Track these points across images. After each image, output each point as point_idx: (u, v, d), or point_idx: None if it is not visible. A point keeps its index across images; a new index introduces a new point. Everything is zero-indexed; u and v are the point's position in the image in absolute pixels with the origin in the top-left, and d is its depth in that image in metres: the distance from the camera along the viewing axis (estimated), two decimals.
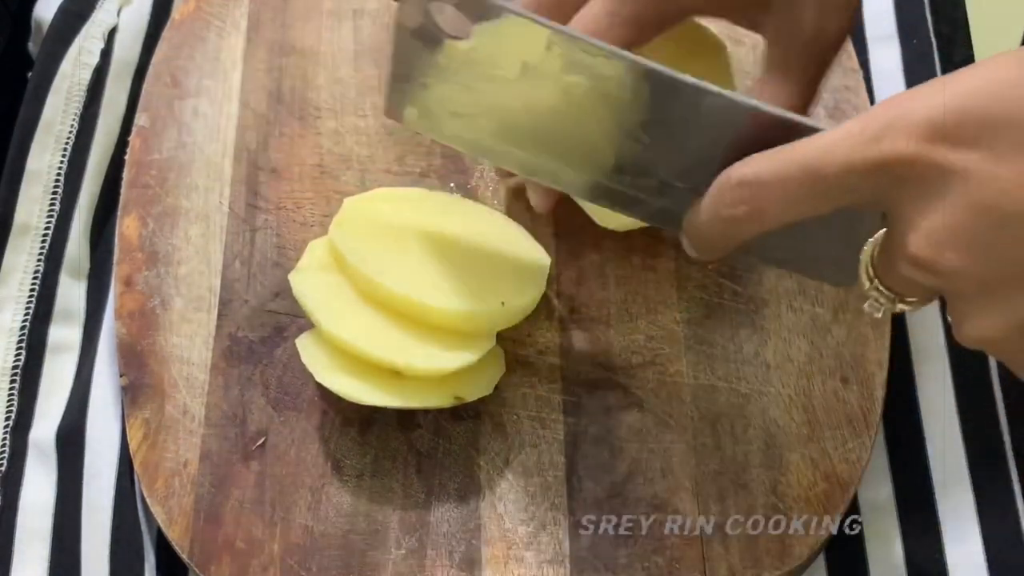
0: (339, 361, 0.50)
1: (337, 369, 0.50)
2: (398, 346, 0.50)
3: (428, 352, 0.50)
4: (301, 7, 0.63)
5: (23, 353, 0.58)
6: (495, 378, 0.52)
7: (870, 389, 0.52)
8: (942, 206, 0.36)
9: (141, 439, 0.52)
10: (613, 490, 0.50)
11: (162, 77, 0.61)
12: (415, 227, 0.54)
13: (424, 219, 0.54)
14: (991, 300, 0.37)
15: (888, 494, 0.52)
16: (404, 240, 0.53)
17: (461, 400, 0.51)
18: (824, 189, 0.38)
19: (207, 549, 0.49)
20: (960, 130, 0.35)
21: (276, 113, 0.60)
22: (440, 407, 0.51)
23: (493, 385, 0.52)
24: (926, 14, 0.64)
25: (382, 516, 0.50)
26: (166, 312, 0.55)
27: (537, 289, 0.53)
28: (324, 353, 0.51)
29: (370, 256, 0.52)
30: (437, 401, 0.50)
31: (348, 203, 0.53)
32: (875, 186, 0.37)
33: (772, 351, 0.53)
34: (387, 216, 0.54)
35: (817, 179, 0.38)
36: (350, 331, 0.50)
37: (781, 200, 0.39)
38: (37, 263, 0.60)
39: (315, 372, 0.50)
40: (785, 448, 0.51)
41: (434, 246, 0.53)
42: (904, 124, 0.36)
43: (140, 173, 0.59)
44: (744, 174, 0.39)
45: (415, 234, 0.53)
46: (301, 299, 0.52)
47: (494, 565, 0.49)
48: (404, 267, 0.52)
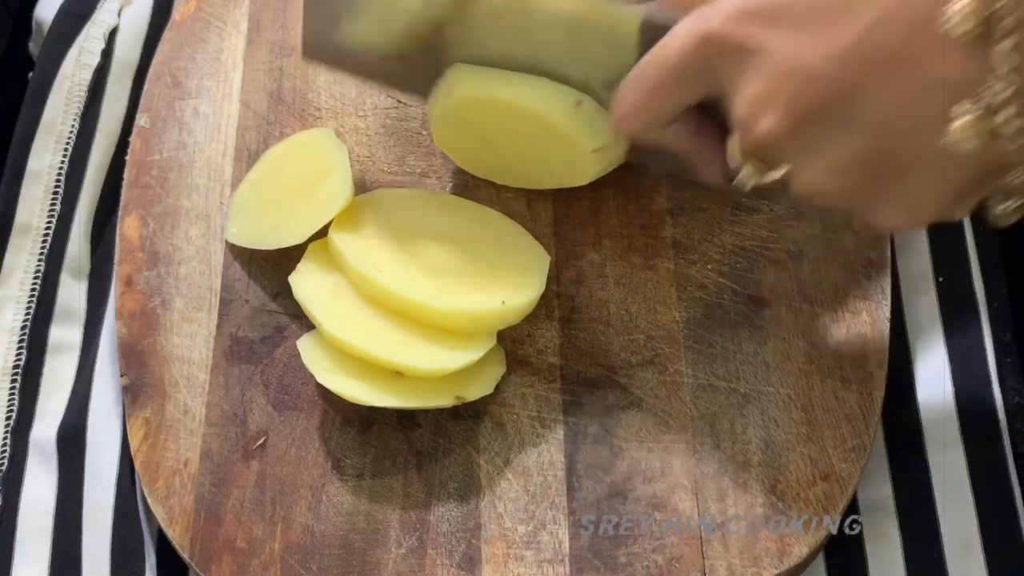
0: (340, 362, 0.51)
1: (338, 370, 0.50)
2: (399, 346, 0.50)
3: (429, 352, 0.50)
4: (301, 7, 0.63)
5: (24, 353, 0.58)
6: (496, 377, 0.52)
7: (870, 389, 0.52)
8: (754, 73, 0.43)
9: (142, 439, 0.52)
10: (613, 490, 0.50)
11: (163, 77, 0.61)
12: (415, 227, 0.54)
13: (424, 219, 0.54)
14: (811, 149, 0.43)
15: (888, 494, 0.53)
16: (404, 240, 0.53)
17: (462, 400, 0.51)
18: (673, 76, 0.45)
19: (207, 548, 0.49)
20: (761, 10, 0.42)
21: (276, 113, 0.60)
22: (441, 407, 0.51)
23: (494, 384, 0.52)
24: None
25: (382, 515, 0.50)
26: (167, 312, 0.55)
27: (537, 288, 0.53)
28: (324, 354, 0.51)
29: (370, 256, 0.52)
30: (438, 401, 0.50)
31: (348, 204, 0.53)
32: (707, 66, 0.44)
33: (772, 351, 0.53)
34: (387, 216, 0.54)
35: (665, 68, 0.46)
36: (350, 332, 0.50)
37: (651, 92, 0.47)
38: (38, 263, 0.60)
39: (316, 373, 0.50)
40: (784, 447, 0.51)
41: (434, 246, 0.53)
42: (719, 10, 0.43)
43: (141, 173, 0.59)
44: (626, 79, 0.48)
45: (415, 234, 0.53)
46: (301, 300, 0.52)
47: (494, 564, 0.49)
48: (404, 267, 0.52)
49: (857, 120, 0.41)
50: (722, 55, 0.43)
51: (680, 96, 0.46)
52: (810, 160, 0.43)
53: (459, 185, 0.58)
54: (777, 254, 0.55)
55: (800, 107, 0.42)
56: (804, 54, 0.41)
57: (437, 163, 0.58)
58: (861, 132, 0.42)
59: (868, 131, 0.41)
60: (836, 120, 0.42)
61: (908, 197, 0.43)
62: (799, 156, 0.44)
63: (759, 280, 0.54)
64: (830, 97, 0.41)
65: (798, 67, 0.41)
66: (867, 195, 0.44)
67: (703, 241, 0.56)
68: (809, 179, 0.44)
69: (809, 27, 0.41)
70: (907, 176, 0.42)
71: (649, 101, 0.47)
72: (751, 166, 0.45)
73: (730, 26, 0.43)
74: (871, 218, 0.45)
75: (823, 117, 0.42)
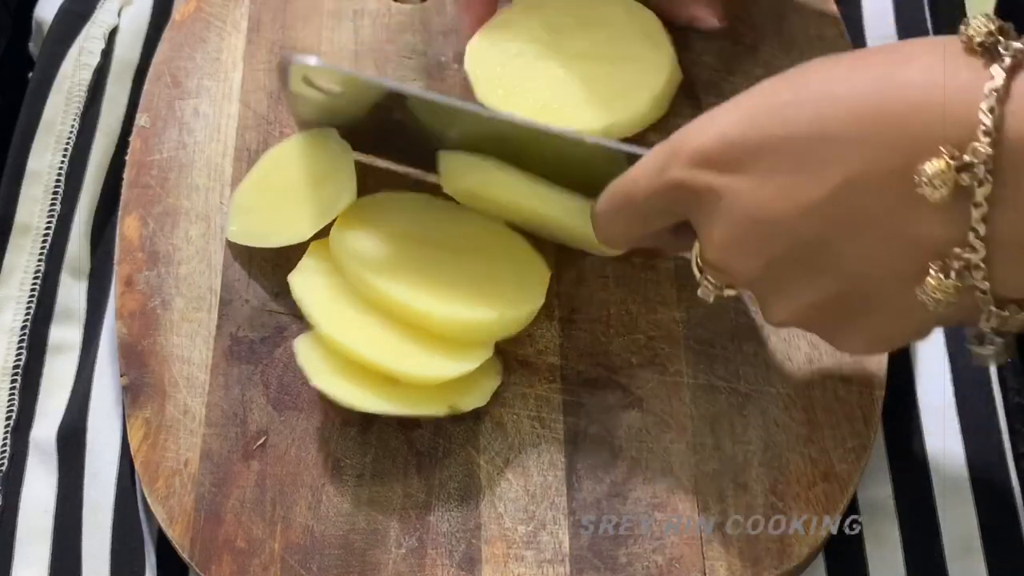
0: (335, 364, 0.50)
1: (333, 372, 0.50)
2: (395, 352, 0.50)
3: (425, 360, 0.50)
4: (301, 7, 0.63)
5: (24, 353, 0.58)
6: (491, 389, 0.52)
7: (870, 389, 0.52)
8: (719, 220, 0.42)
9: (142, 439, 0.52)
10: (613, 490, 0.50)
11: (163, 77, 0.61)
12: (417, 233, 0.54)
13: (428, 225, 0.54)
14: (778, 291, 0.43)
15: (888, 494, 0.52)
16: (405, 245, 0.53)
17: (456, 410, 0.50)
18: (641, 211, 0.46)
19: (207, 548, 0.49)
20: (723, 156, 0.41)
21: (276, 113, 0.60)
22: (435, 416, 0.51)
23: (489, 396, 0.51)
24: (926, 14, 0.64)
25: (382, 515, 0.50)
26: (167, 312, 0.55)
27: (536, 301, 0.52)
28: (321, 356, 0.51)
29: (370, 260, 0.52)
30: (432, 409, 0.50)
31: (351, 205, 0.53)
32: (673, 205, 0.44)
33: (772, 351, 0.53)
34: (390, 220, 0.54)
35: (632, 204, 0.46)
36: (347, 334, 0.50)
37: (616, 222, 0.48)
38: (38, 263, 0.60)
39: (310, 375, 0.50)
40: (785, 448, 0.51)
41: (435, 253, 0.53)
42: (680, 154, 0.43)
43: (141, 173, 0.59)
44: (595, 208, 0.48)
45: (417, 240, 0.53)
46: (300, 299, 0.52)
47: (494, 564, 0.49)
48: (404, 273, 0.52)
49: (828, 268, 0.41)
50: (687, 200, 0.43)
51: (651, 227, 0.47)
52: (777, 300, 0.43)
53: None
54: None
55: (768, 255, 0.42)
56: (772, 204, 0.40)
57: None
58: (831, 278, 0.41)
59: (838, 278, 0.41)
60: (805, 267, 0.42)
61: (874, 333, 0.43)
62: (767, 295, 0.44)
63: None
64: (799, 247, 0.41)
65: (764, 216, 0.41)
66: (832, 328, 0.44)
67: None
68: (775, 315, 0.44)
69: (776, 176, 0.40)
70: (874, 316, 0.42)
71: (624, 231, 0.48)
72: (708, 283, 0.46)
73: (693, 172, 0.42)
74: (833, 343, 0.45)
75: (790, 264, 0.42)
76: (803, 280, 0.42)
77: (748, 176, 0.41)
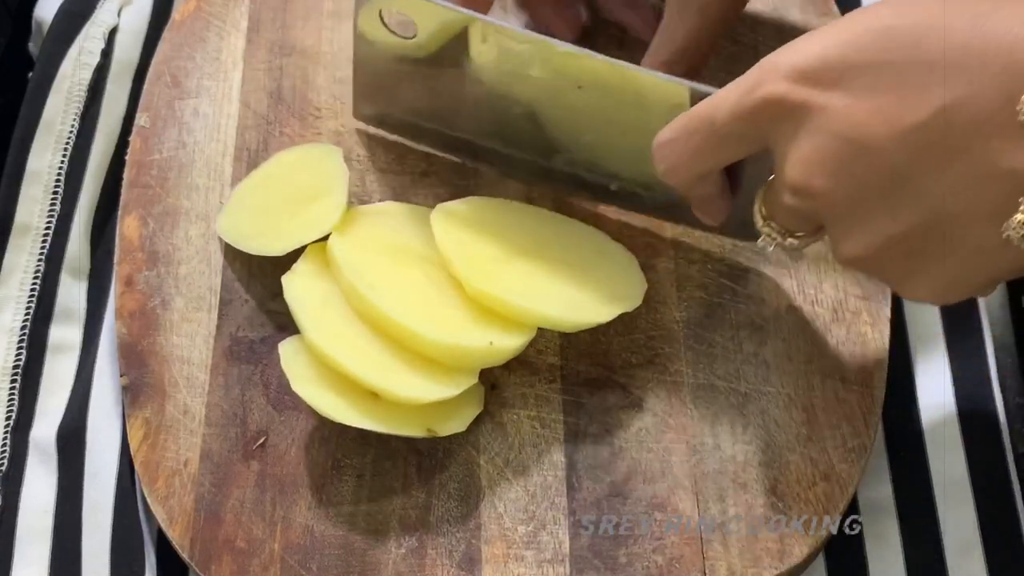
0: (317, 372, 0.50)
1: (314, 380, 0.49)
2: (379, 367, 0.49)
3: (408, 379, 0.49)
4: (301, 7, 0.63)
5: (23, 353, 0.58)
6: (471, 416, 0.51)
7: (870, 389, 0.52)
8: (809, 138, 0.41)
9: (142, 439, 0.52)
10: (613, 490, 0.50)
11: (162, 77, 0.61)
12: (416, 249, 0.53)
13: (428, 242, 0.53)
14: (857, 221, 0.42)
15: (888, 494, 0.53)
16: (403, 260, 0.52)
17: (433, 433, 0.49)
18: (719, 136, 0.44)
19: (207, 548, 0.49)
20: (822, 73, 0.41)
21: (276, 113, 0.60)
22: (411, 436, 0.50)
23: (468, 423, 0.51)
24: None
25: (382, 515, 0.50)
26: (166, 312, 0.55)
27: (527, 335, 0.51)
28: (305, 362, 0.50)
29: (366, 271, 0.51)
30: (409, 430, 0.49)
31: (353, 211, 0.53)
32: (758, 127, 0.43)
33: (772, 351, 0.53)
34: (391, 232, 0.53)
35: (712, 128, 0.44)
36: (333, 343, 0.49)
37: (687, 148, 0.46)
38: (38, 263, 0.60)
39: (292, 380, 0.49)
40: (785, 448, 0.51)
41: (432, 271, 0.52)
42: (776, 71, 0.42)
43: (140, 173, 0.59)
44: (660, 136, 0.47)
45: (415, 256, 0.53)
46: (290, 302, 0.51)
47: (494, 564, 0.49)
48: (398, 288, 0.51)
49: (910, 199, 0.40)
50: (779, 117, 0.42)
51: (723, 156, 0.46)
52: (853, 231, 0.42)
53: (459, 186, 0.58)
54: (777, 254, 0.55)
55: (853, 177, 0.41)
56: (865, 123, 0.40)
57: (437, 163, 0.58)
58: (913, 211, 0.40)
59: (920, 211, 0.40)
60: (888, 196, 0.41)
61: (946, 277, 0.42)
62: (843, 225, 0.43)
63: (759, 280, 0.54)
64: (886, 173, 0.40)
65: (857, 136, 0.40)
66: (904, 270, 0.43)
67: (703, 241, 0.56)
68: (849, 250, 0.43)
69: (873, 96, 0.40)
70: (950, 259, 0.41)
71: (692, 159, 0.46)
72: (772, 230, 0.45)
73: (789, 86, 0.41)
74: (900, 289, 0.44)
75: (875, 191, 0.41)
76: (884, 211, 0.41)
77: (845, 94, 0.40)
